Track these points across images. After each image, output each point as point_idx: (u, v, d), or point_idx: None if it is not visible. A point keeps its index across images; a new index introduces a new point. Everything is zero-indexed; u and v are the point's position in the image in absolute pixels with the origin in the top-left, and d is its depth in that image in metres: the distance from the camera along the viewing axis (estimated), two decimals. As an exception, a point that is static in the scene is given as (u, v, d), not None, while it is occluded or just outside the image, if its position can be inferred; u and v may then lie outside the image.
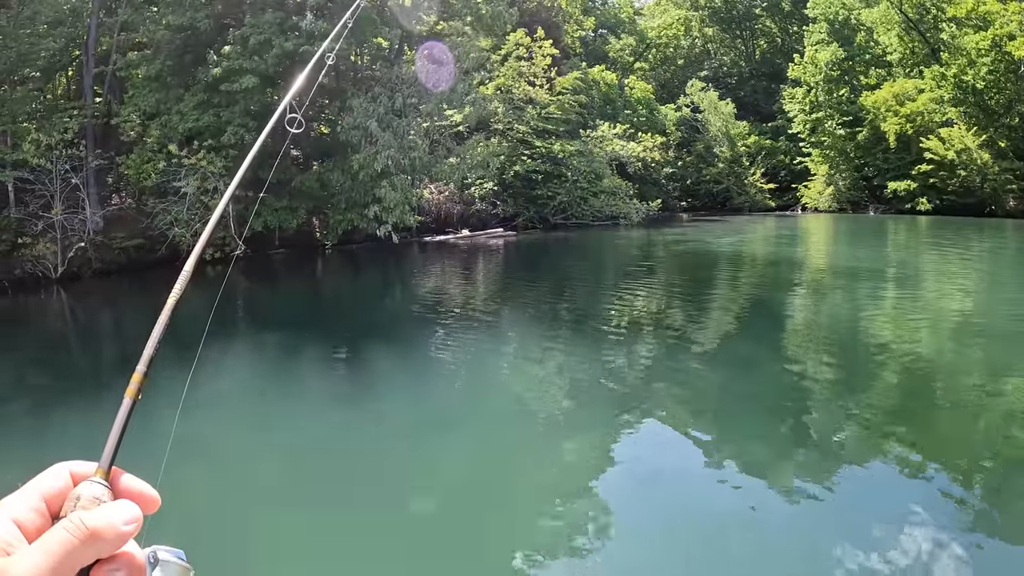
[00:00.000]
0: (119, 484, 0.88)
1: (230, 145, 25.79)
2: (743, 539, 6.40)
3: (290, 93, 1.55)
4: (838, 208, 53.05)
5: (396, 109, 29.17)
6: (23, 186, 23.01)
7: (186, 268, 1.13)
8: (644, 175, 51.78)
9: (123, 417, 0.94)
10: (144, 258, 24.96)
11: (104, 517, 0.79)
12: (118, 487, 0.87)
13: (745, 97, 66.73)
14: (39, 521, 0.81)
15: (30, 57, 25.74)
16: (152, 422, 2.10)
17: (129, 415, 0.95)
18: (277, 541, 6.45)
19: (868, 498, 7.13)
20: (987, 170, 43.46)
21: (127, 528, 0.80)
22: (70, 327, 18.57)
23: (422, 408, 10.46)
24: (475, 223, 38.84)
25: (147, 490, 0.89)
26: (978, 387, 10.61)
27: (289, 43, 25.60)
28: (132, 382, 0.97)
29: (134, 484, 0.89)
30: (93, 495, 0.83)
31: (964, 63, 44.03)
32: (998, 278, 22.38)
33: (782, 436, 8.96)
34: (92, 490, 0.83)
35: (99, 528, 0.78)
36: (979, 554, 5.92)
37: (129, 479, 0.89)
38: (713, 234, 38.02)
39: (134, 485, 0.89)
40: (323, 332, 15.91)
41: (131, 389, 0.97)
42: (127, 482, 0.89)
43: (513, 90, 38.32)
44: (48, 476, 0.86)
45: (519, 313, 17.63)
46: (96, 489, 0.84)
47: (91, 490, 0.83)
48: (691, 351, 13.20)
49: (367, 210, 28.72)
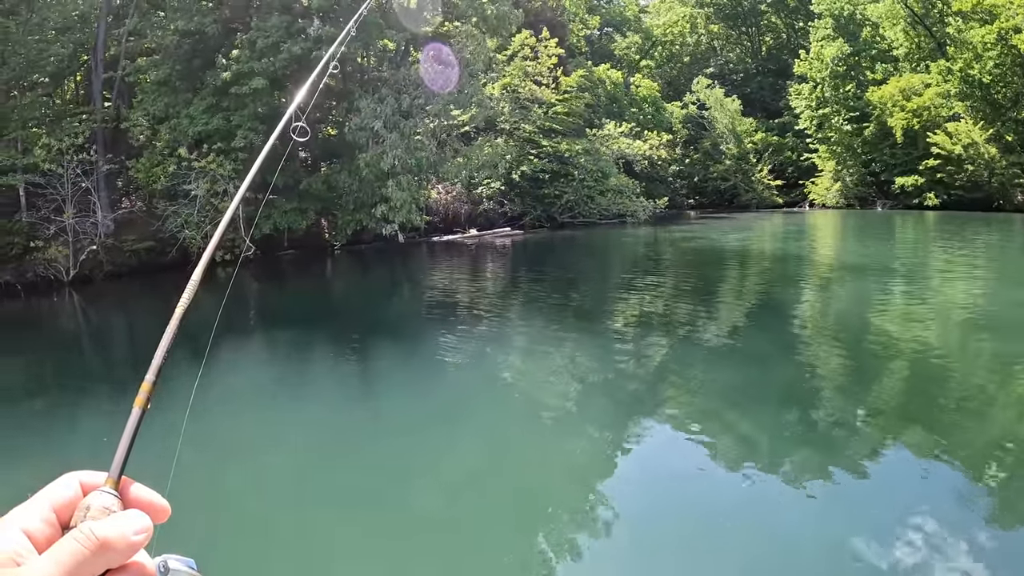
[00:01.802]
0: (129, 494, 0.88)
1: (239, 148, 25.99)
2: (754, 533, 6.41)
3: (295, 103, 1.60)
4: (846, 204, 52.96)
5: (403, 110, 29.34)
6: (34, 190, 23.28)
7: (194, 277, 1.14)
8: (651, 173, 51.83)
9: (132, 427, 0.95)
10: (155, 260, 25.19)
11: (114, 527, 0.80)
12: (128, 497, 0.88)
13: (751, 94, 66.68)
14: (49, 531, 0.82)
15: (39, 63, 26.00)
16: (163, 424, 2.17)
17: (138, 425, 0.96)
18: (288, 544, 6.41)
19: (880, 492, 7.13)
20: (994, 164, 43.33)
21: (137, 538, 0.81)
22: (83, 329, 18.77)
23: (432, 405, 10.52)
24: (482, 222, 39.01)
25: (157, 500, 0.90)
26: (987, 380, 10.59)
27: (297, 47, 25.78)
28: (141, 391, 0.98)
29: (144, 494, 0.89)
30: (103, 505, 0.84)
31: (970, 57, 43.93)
32: (1006, 272, 22.36)
33: (793, 430, 8.96)
34: (102, 500, 0.84)
35: (109, 538, 0.79)
36: (991, 547, 5.92)
37: (139, 489, 0.90)
38: (720, 231, 38.02)
39: (144, 495, 0.89)
40: (333, 331, 16.05)
41: (140, 399, 0.97)
42: (137, 492, 0.89)
43: (519, 90, 38.44)
44: (58, 486, 0.86)
45: (527, 311, 17.74)
46: (106, 499, 0.85)
47: (101, 500, 0.84)
48: (700, 347, 13.22)
49: (375, 210, 28.93)
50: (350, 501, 7.38)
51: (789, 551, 6.11)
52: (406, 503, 7.35)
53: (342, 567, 6.27)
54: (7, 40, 24.21)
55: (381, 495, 7.53)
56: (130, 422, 0.95)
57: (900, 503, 6.80)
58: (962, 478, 7.35)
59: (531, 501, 7.43)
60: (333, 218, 31.25)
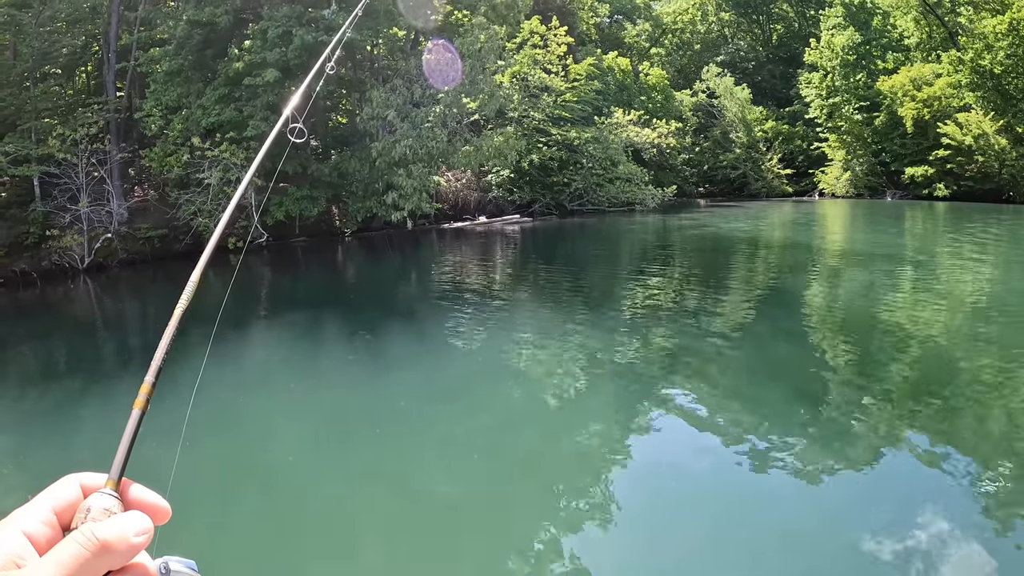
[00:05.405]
0: (129, 495, 0.88)
1: (251, 137, 26.25)
2: (760, 519, 6.52)
3: (291, 104, 1.61)
4: (855, 194, 52.76)
5: (414, 100, 29.58)
6: (49, 180, 23.64)
7: (193, 277, 1.15)
8: (660, 161, 51.83)
9: (132, 428, 0.95)
10: (168, 248, 25.57)
11: (115, 529, 0.80)
12: (128, 498, 0.88)
13: (762, 82, 66.42)
14: (50, 533, 0.82)
15: (52, 54, 26.35)
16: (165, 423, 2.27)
17: (138, 426, 0.95)
18: (294, 540, 6.31)
19: (888, 482, 7.14)
20: (1005, 156, 43.06)
21: (138, 540, 0.81)
22: (97, 316, 19.06)
23: (442, 389, 10.65)
24: (492, 210, 39.22)
25: (158, 501, 0.89)
26: (998, 371, 10.50)
27: (309, 36, 25.98)
28: (140, 393, 0.98)
29: (144, 495, 0.89)
30: (104, 507, 0.84)
31: (981, 47, 43.60)
32: (1016, 263, 22.33)
33: (801, 419, 8.96)
34: (102, 502, 0.84)
35: (110, 540, 0.79)
36: (999, 539, 5.96)
37: (139, 490, 0.90)
38: (730, 220, 37.98)
39: (144, 496, 0.89)
40: (344, 315, 16.31)
41: (139, 400, 0.97)
42: (137, 493, 0.89)
43: (529, 78, 38.54)
44: (58, 488, 0.86)
45: (537, 297, 17.86)
46: (107, 501, 0.85)
47: (101, 502, 0.84)
48: (708, 335, 13.23)
49: (385, 197, 29.22)
50: (358, 490, 7.44)
51: (794, 538, 6.17)
52: (416, 486, 7.46)
53: (350, 555, 6.28)
54: (20, 32, 24.55)
55: (391, 481, 7.63)
56: (130, 423, 0.95)
57: (908, 492, 6.83)
58: (970, 469, 7.28)
59: (539, 485, 7.51)
60: (343, 206, 31.54)
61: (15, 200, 24.92)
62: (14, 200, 24.93)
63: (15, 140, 23.65)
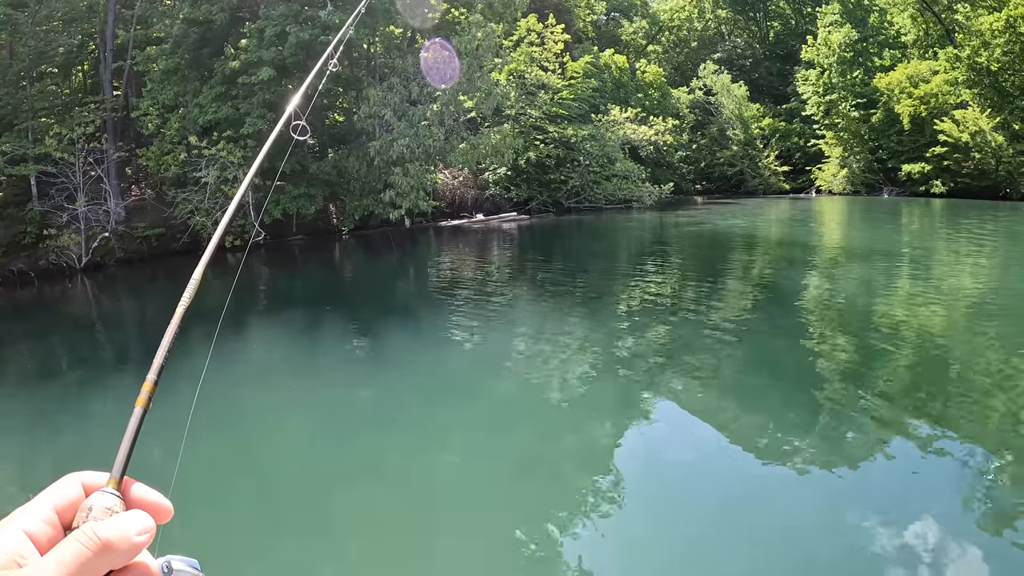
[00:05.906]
0: (131, 494, 0.88)
1: (248, 135, 26.22)
2: (760, 515, 6.48)
3: (293, 101, 1.58)
4: (852, 191, 52.80)
5: (411, 99, 29.57)
6: (46, 179, 23.61)
7: (195, 276, 1.14)
8: (656, 158, 51.89)
9: (134, 427, 0.94)
10: (165, 247, 25.57)
11: (117, 528, 0.80)
12: (130, 497, 0.88)
13: (759, 79, 66.47)
14: (51, 533, 0.82)
15: (48, 53, 26.30)
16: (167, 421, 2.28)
17: (140, 425, 0.95)
18: (296, 538, 6.30)
19: (888, 478, 7.12)
20: (1002, 152, 43.07)
21: (140, 539, 0.81)
22: (95, 315, 19.04)
23: (441, 385, 10.67)
24: (489, 207, 39.25)
25: (159, 500, 0.89)
26: (994, 366, 10.51)
27: (305, 34, 25.95)
28: (142, 391, 0.97)
29: (146, 494, 0.89)
30: (105, 506, 0.83)
31: (978, 44, 43.60)
32: (1013, 259, 22.35)
33: (800, 414, 8.96)
34: (104, 501, 0.84)
35: (112, 539, 0.78)
36: (1001, 535, 5.92)
37: (141, 489, 0.89)
38: (726, 217, 38.02)
39: (146, 495, 0.89)
40: (343, 312, 16.30)
41: (141, 399, 0.97)
42: (139, 492, 0.89)
43: (525, 76, 38.53)
44: (60, 487, 0.86)
45: (534, 293, 17.85)
46: (108, 500, 0.84)
47: (103, 501, 0.84)
48: (706, 331, 13.21)
49: (382, 195, 29.21)
50: (359, 487, 7.44)
51: (795, 533, 6.16)
52: (416, 484, 7.46)
53: (350, 552, 6.31)
54: (16, 31, 24.50)
55: (391, 478, 7.63)
56: (131, 422, 0.95)
57: (908, 488, 6.83)
58: (970, 465, 7.28)
59: (538, 482, 7.52)
60: (341, 204, 31.54)
61: (12, 200, 24.91)
62: (11, 200, 24.92)
63: (12, 139, 23.62)
